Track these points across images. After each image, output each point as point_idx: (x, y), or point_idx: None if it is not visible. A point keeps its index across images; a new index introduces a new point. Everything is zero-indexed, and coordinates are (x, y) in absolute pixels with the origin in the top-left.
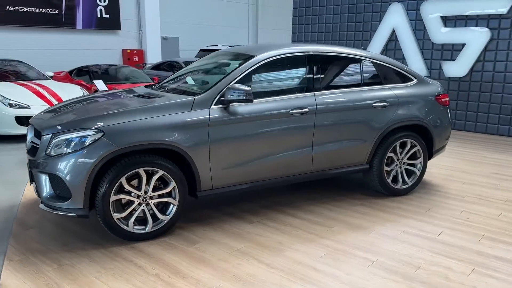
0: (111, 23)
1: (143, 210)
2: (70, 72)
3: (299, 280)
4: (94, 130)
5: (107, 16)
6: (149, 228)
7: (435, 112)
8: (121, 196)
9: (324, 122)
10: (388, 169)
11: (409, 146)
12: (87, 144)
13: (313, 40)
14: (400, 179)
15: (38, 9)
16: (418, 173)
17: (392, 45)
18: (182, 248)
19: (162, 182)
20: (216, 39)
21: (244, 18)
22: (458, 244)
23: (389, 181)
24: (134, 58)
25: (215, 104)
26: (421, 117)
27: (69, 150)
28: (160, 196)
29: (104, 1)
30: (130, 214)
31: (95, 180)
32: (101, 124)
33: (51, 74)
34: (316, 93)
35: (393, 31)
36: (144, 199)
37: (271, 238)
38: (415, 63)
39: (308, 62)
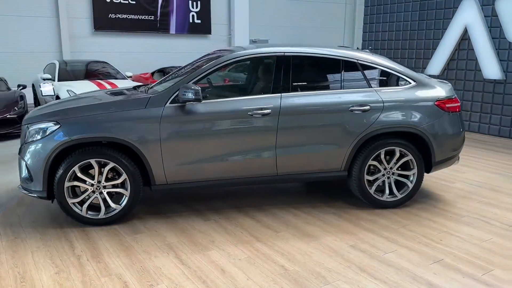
0: (202, 27)
1: (99, 197)
2: (153, 73)
3: (196, 279)
4: (53, 122)
5: (199, 21)
6: (101, 215)
7: (435, 118)
8: (75, 183)
9: (289, 124)
10: (371, 178)
11: (397, 155)
12: (47, 134)
13: (383, 40)
14: (387, 191)
15: (136, 16)
16: (410, 185)
17: (465, 45)
18: (122, 237)
19: (117, 174)
20: (307, 40)
21: (338, 18)
22: (399, 266)
23: (372, 191)
24: None
25: (170, 103)
26: (413, 124)
27: (35, 139)
28: (114, 186)
29: (197, 7)
30: (86, 200)
31: (53, 167)
32: (60, 117)
33: (130, 74)
34: (283, 94)
35: (466, 30)
36: (98, 188)
37: (209, 236)
38: (489, 64)
39: (278, 63)
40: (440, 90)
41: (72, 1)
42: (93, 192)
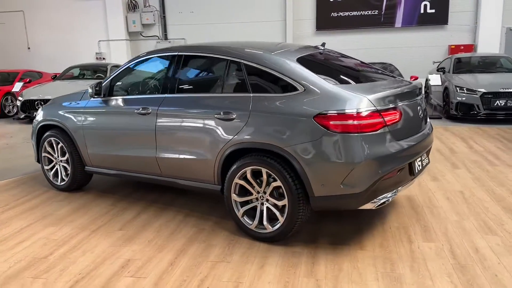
0: (436, 17)
1: (59, 168)
2: None
3: (9, 243)
4: (41, 108)
5: (432, 10)
6: (58, 182)
7: (311, 138)
8: (46, 154)
9: (164, 126)
10: (239, 199)
11: (265, 177)
12: (36, 116)
13: None
14: (257, 220)
15: (358, 12)
16: (281, 219)
17: None
18: (49, 201)
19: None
20: None
21: None
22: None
23: (239, 215)
24: None
25: (93, 97)
26: (277, 141)
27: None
28: (66, 162)
29: None
30: (54, 170)
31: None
32: (44, 104)
33: None
34: (167, 95)
35: None
36: (58, 161)
37: (95, 220)
38: None
39: (171, 63)
40: (336, 101)
41: (298, 5)
42: (56, 163)
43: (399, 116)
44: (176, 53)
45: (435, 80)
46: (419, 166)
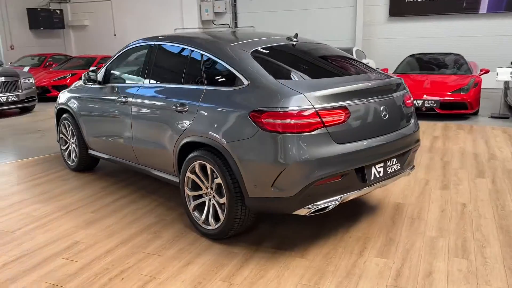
0: None
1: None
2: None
3: None
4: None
5: None
6: (70, 163)
7: (246, 135)
8: (61, 135)
9: (137, 115)
10: (190, 193)
11: (209, 173)
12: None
13: None
14: (204, 215)
15: None
16: (221, 217)
17: None
18: (55, 181)
19: None
20: None
21: None
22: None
23: (191, 209)
24: None
25: (85, 84)
26: (215, 137)
27: None
28: (75, 144)
29: None
30: (68, 150)
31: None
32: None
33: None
34: (141, 85)
35: None
36: (70, 143)
37: (85, 207)
38: None
39: (149, 53)
40: (272, 98)
41: None
42: (69, 145)
43: (346, 116)
44: (152, 43)
45: (503, 74)
46: (378, 172)
